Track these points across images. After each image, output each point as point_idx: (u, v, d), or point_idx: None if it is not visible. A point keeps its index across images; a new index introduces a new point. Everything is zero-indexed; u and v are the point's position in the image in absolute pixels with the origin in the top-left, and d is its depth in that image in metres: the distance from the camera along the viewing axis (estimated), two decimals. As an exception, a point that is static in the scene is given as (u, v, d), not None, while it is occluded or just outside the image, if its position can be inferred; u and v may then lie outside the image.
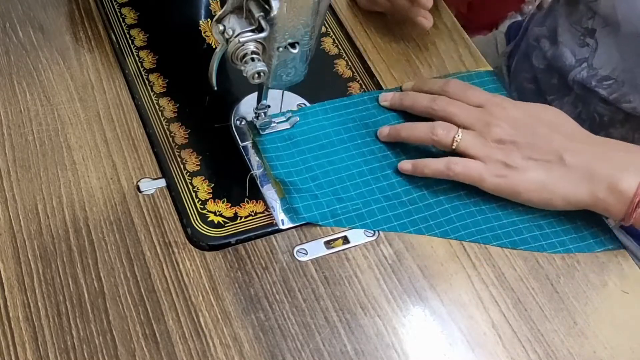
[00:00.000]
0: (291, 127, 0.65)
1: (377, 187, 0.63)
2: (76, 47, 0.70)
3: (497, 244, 0.60)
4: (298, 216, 0.60)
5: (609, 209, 0.58)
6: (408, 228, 0.61)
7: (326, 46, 0.74)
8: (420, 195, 0.63)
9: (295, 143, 0.64)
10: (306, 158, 0.64)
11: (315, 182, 0.62)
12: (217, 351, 0.53)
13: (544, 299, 0.58)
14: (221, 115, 0.66)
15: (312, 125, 0.66)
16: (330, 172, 0.63)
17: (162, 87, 0.68)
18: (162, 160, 0.63)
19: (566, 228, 0.62)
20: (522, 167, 0.59)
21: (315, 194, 0.61)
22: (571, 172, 0.58)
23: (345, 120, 0.67)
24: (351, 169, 0.64)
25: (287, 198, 0.61)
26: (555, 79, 0.80)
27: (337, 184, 0.62)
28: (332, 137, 0.65)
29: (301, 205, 0.60)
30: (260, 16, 0.52)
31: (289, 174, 0.62)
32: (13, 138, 0.63)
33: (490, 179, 0.60)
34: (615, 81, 0.72)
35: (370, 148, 0.65)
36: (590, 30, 0.73)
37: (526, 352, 0.56)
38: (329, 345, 0.54)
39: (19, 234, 0.57)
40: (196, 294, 0.56)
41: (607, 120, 0.75)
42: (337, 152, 0.64)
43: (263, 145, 0.64)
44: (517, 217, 0.62)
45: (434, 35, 0.76)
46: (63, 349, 0.52)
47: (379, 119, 0.67)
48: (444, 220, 0.61)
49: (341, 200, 0.61)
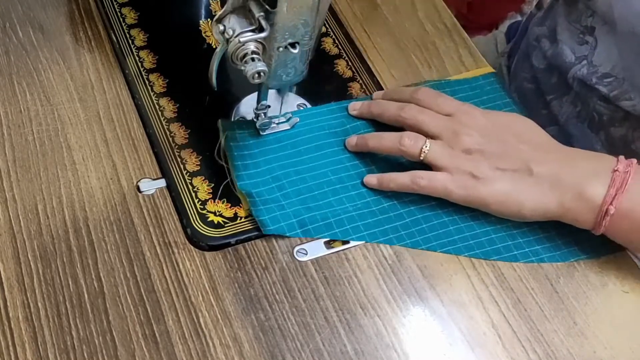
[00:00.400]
0: (291, 127, 0.65)
1: (345, 197, 0.61)
2: (76, 47, 0.70)
3: (470, 254, 0.60)
4: (264, 228, 0.58)
5: (577, 218, 0.57)
6: (378, 238, 0.60)
7: (326, 46, 0.74)
8: (391, 205, 0.62)
9: (262, 152, 0.63)
10: (272, 168, 0.62)
11: (282, 191, 0.61)
12: (217, 351, 0.53)
13: (544, 299, 0.58)
14: (221, 115, 0.66)
15: (279, 134, 0.64)
16: (298, 181, 0.62)
17: (162, 87, 0.68)
18: (162, 160, 0.63)
19: (539, 238, 0.61)
20: (489, 177, 0.58)
21: (282, 204, 0.60)
22: (539, 182, 0.58)
23: (313, 128, 0.65)
24: (319, 179, 0.62)
25: (253, 210, 0.59)
26: (555, 78, 0.80)
27: (305, 193, 0.61)
28: (299, 147, 0.64)
29: (267, 217, 0.59)
30: (260, 16, 0.52)
31: (255, 184, 0.61)
32: (13, 138, 0.63)
33: (457, 191, 0.59)
34: (616, 78, 0.72)
35: (339, 157, 0.64)
36: (590, 28, 0.73)
37: (526, 352, 0.56)
38: (329, 346, 0.54)
39: (18, 234, 0.57)
40: (196, 294, 0.56)
41: (606, 119, 0.75)
42: (304, 162, 0.63)
43: (231, 152, 0.62)
44: (490, 227, 0.61)
45: (434, 35, 0.76)
46: (63, 349, 0.52)
47: (348, 127, 0.66)
48: (416, 230, 0.60)
49: (309, 210, 0.60)
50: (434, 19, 0.77)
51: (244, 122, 0.65)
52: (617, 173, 0.56)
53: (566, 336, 0.57)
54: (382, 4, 0.78)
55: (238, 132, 0.64)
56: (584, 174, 0.57)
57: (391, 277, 0.58)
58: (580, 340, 0.57)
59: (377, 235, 0.60)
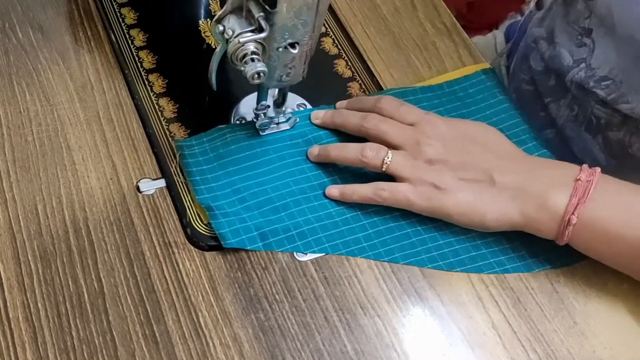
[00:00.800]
0: (290, 127, 0.65)
1: (308, 208, 0.60)
2: (76, 48, 0.70)
3: (433, 266, 0.59)
4: (224, 241, 0.57)
5: (540, 228, 0.56)
6: (340, 250, 0.59)
7: (326, 46, 0.74)
8: (354, 215, 0.60)
9: (222, 165, 0.61)
10: (233, 180, 0.61)
11: (243, 204, 0.59)
12: (217, 351, 0.53)
13: (544, 298, 0.58)
14: (221, 115, 0.66)
15: (240, 144, 0.63)
16: (259, 193, 0.60)
17: (161, 87, 0.68)
18: (161, 160, 0.63)
19: (504, 248, 0.60)
20: (452, 188, 0.58)
21: (244, 217, 0.59)
22: (502, 192, 0.57)
23: (274, 139, 0.64)
24: (281, 189, 0.61)
25: (213, 223, 0.58)
26: (552, 80, 0.80)
27: (267, 205, 0.60)
28: (260, 157, 0.62)
29: (228, 230, 0.57)
30: (260, 16, 0.52)
31: (215, 197, 0.59)
32: (13, 138, 0.63)
33: (419, 202, 0.58)
34: (613, 81, 0.72)
35: (301, 167, 0.62)
36: (587, 30, 0.73)
37: (526, 352, 0.56)
38: (329, 345, 0.54)
39: (18, 235, 0.57)
40: (196, 294, 0.56)
41: (604, 122, 0.75)
42: (266, 173, 0.62)
43: (188, 168, 0.61)
44: (453, 237, 0.60)
45: (434, 35, 0.76)
46: (63, 349, 0.52)
47: (310, 137, 0.65)
48: (378, 242, 0.59)
49: (270, 223, 0.59)
50: (433, 18, 0.77)
51: (203, 134, 0.63)
52: (580, 182, 0.55)
53: (566, 336, 0.57)
54: (381, 4, 0.78)
55: (197, 149, 0.62)
56: (547, 183, 0.56)
57: (391, 277, 0.58)
58: (580, 340, 0.57)
59: (339, 247, 0.59)
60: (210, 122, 0.65)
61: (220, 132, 0.63)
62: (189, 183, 0.61)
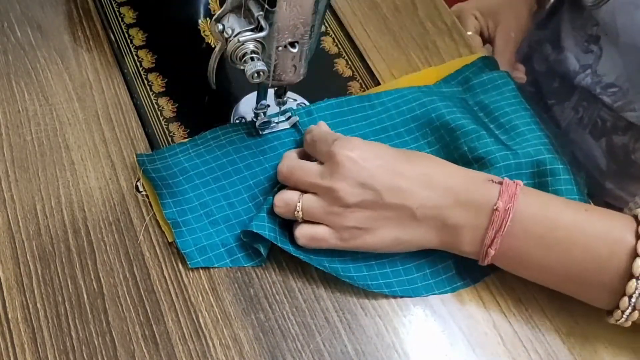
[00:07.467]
0: (290, 127, 0.65)
1: (272, 219, 0.57)
2: (74, 47, 0.69)
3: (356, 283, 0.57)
4: (190, 261, 0.56)
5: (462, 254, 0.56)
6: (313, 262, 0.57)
7: (326, 45, 0.74)
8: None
9: (189, 178, 0.60)
10: (201, 193, 0.59)
11: (210, 218, 0.58)
12: (217, 352, 0.53)
13: (545, 298, 0.58)
14: (220, 114, 0.66)
15: (205, 157, 0.61)
16: (226, 206, 0.59)
17: (161, 86, 0.68)
18: (161, 160, 0.63)
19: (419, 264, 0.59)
20: (372, 227, 0.55)
21: (210, 233, 0.57)
22: (422, 224, 0.55)
23: (240, 148, 0.62)
24: (248, 202, 0.60)
25: (178, 242, 0.56)
26: (556, 83, 0.80)
27: (233, 219, 0.59)
28: (227, 168, 0.61)
29: (194, 249, 0.56)
30: (259, 15, 0.52)
31: (182, 211, 0.58)
32: (11, 138, 0.63)
33: (342, 244, 0.56)
34: (620, 89, 0.72)
35: (267, 176, 0.61)
36: (595, 37, 0.73)
37: (527, 352, 0.55)
38: (330, 346, 0.54)
39: (17, 235, 0.57)
40: (196, 295, 0.55)
41: (609, 125, 0.75)
42: (233, 184, 0.60)
43: (154, 183, 0.59)
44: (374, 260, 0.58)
45: (434, 34, 0.76)
46: (62, 350, 0.52)
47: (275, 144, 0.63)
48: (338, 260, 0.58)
49: (238, 238, 0.58)
50: (434, 17, 0.77)
51: (168, 148, 0.62)
52: (497, 213, 0.53)
53: (567, 336, 0.57)
54: (381, 3, 0.78)
55: (159, 163, 0.61)
56: (465, 216, 0.55)
57: (392, 277, 0.58)
58: (581, 340, 0.56)
59: (313, 260, 0.57)
60: (210, 122, 0.65)
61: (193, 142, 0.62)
62: (154, 199, 0.59)
